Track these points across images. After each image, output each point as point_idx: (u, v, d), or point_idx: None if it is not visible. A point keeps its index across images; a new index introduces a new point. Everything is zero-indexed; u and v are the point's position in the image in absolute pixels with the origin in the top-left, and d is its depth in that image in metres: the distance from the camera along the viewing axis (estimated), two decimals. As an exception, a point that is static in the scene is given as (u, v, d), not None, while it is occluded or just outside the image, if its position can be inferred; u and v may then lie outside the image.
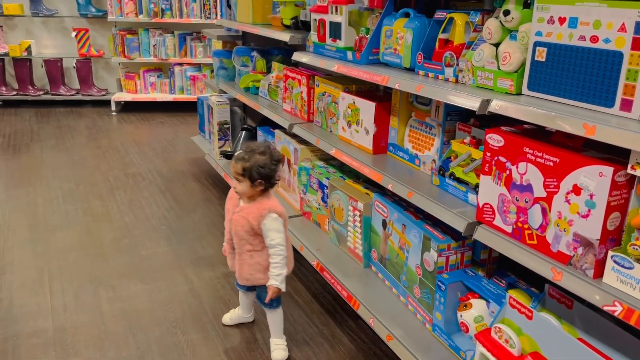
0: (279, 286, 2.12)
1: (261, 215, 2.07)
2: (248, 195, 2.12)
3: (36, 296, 2.59)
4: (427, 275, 2.01)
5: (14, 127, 5.58)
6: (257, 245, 2.13)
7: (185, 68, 6.50)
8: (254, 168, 2.04)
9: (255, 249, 2.13)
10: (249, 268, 2.16)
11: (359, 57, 2.37)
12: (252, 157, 2.06)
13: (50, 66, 6.34)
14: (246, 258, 2.15)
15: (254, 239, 2.12)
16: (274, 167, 2.10)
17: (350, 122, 2.54)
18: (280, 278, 2.12)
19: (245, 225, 2.09)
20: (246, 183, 2.07)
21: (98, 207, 3.68)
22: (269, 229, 2.08)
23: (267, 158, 2.08)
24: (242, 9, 3.67)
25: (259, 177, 2.06)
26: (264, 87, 3.59)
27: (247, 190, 2.09)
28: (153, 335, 2.34)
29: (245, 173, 2.05)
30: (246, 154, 2.08)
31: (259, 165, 2.05)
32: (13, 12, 6.15)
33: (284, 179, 3.28)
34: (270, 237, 2.09)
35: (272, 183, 2.12)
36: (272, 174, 2.10)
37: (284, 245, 2.12)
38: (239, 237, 2.13)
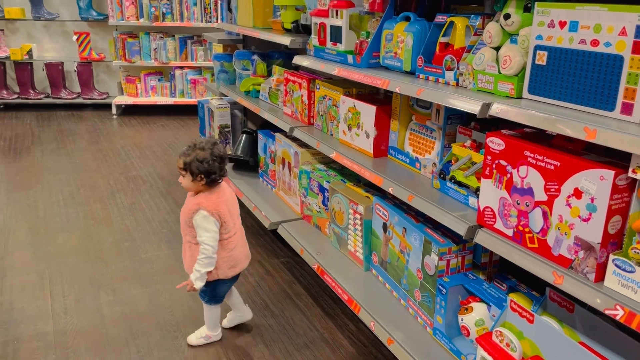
0: (194, 281, 2.14)
1: (192, 210, 2.13)
2: (192, 190, 2.19)
3: (37, 299, 2.59)
4: (428, 278, 2.01)
5: (15, 131, 5.58)
6: (193, 239, 2.17)
7: (186, 71, 6.51)
8: (194, 163, 2.09)
9: (192, 242, 2.18)
10: (187, 259, 2.23)
11: (360, 61, 2.37)
12: (193, 152, 2.12)
13: (52, 70, 6.36)
14: (186, 249, 2.23)
15: (190, 232, 2.17)
16: (214, 163, 2.12)
17: (351, 126, 2.54)
18: (199, 274, 2.13)
19: (182, 217, 2.18)
20: (187, 177, 2.13)
21: (99, 210, 3.68)
22: (197, 225, 2.13)
23: (207, 153, 2.11)
24: (243, 13, 3.68)
25: (198, 171, 2.10)
26: (264, 90, 3.60)
27: (190, 184, 2.14)
28: (154, 338, 2.34)
29: (186, 167, 2.11)
30: (188, 149, 2.14)
31: (198, 160, 2.09)
32: (14, 15, 6.17)
33: (285, 182, 3.28)
34: (199, 234, 2.13)
35: (212, 179, 2.14)
36: (212, 169, 2.12)
37: (211, 245, 2.13)
38: (182, 228, 2.22)
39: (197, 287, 2.14)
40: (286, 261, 3.06)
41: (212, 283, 2.22)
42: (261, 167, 3.68)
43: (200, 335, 2.33)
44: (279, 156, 3.33)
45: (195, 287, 2.14)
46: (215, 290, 2.25)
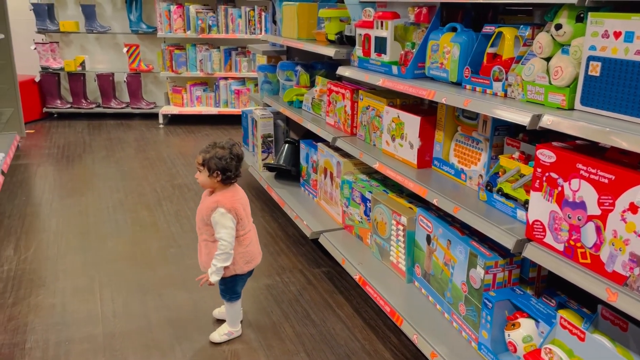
0: (211, 275, 2.22)
1: (211, 208, 2.20)
2: (208, 186, 2.27)
3: (87, 303, 2.69)
4: (473, 292, 1.97)
5: (68, 139, 5.83)
6: (210, 237, 2.25)
7: (230, 82, 6.64)
8: (213, 159, 2.18)
9: (209, 239, 2.25)
10: (204, 257, 2.29)
11: (405, 72, 2.37)
12: (213, 149, 2.21)
13: (103, 80, 6.61)
14: (202, 247, 2.29)
15: (207, 229, 2.24)
16: (231, 162, 2.21)
17: (395, 136, 2.54)
18: (215, 269, 2.22)
19: (200, 215, 2.24)
20: (204, 173, 2.21)
21: (146, 217, 3.79)
22: (216, 223, 2.20)
23: (226, 152, 2.21)
24: (288, 25, 3.74)
25: (216, 168, 2.18)
26: (307, 100, 3.64)
27: (206, 180, 2.23)
28: (198, 344, 2.39)
29: (204, 163, 2.20)
30: (209, 147, 2.24)
31: (217, 157, 2.18)
32: (69, 29, 6.46)
33: (326, 192, 3.30)
34: (217, 231, 2.20)
35: (228, 176, 2.21)
36: (229, 167, 2.20)
37: (229, 242, 2.20)
38: (198, 227, 2.29)
39: (212, 280, 2.23)
40: (327, 271, 3.07)
41: (230, 280, 2.31)
42: (303, 177, 3.71)
43: (223, 332, 2.41)
44: (321, 166, 3.35)
45: (211, 281, 2.23)
46: (234, 286, 2.35)
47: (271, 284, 2.91)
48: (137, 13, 6.51)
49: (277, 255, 3.27)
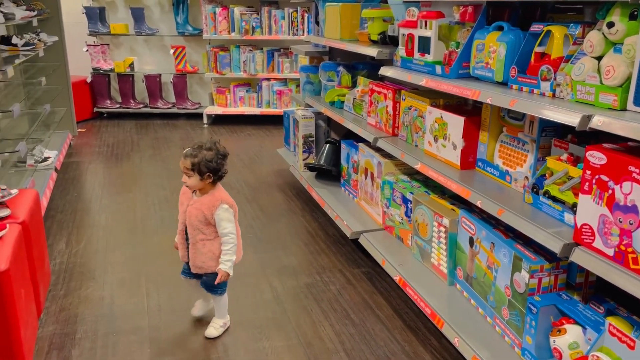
0: (228, 271, 2.30)
1: (214, 206, 2.25)
2: (199, 189, 2.30)
3: (134, 296, 2.78)
4: (517, 296, 1.93)
5: (117, 138, 6.03)
6: (210, 235, 2.30)
7: (272, 83, 6.72)
8: (202, 163, 2.21)
9: (208, 238, 2.30)
10: (202, 256, 2.32)
11: (449, 71, 2.34)
12: (200, 153, 2.23)
13: (150, 81, 6.81)
14: (199, 247, 2.32)
15: (207, 228, 2.29)
16: (221, 161, 2.27)
17: (437, 137, 2.51)
18: (230, 264, 2.31)
19: (199, 215, 2.27)
20: (195, 177, 2.24)
21: (190, 214, 3.88)
22: (221, 219, 2.26)
23: (214, 153, 2.25)
24: (330, 26, 3.75)
25: (207, 170, 2.23)
26: (349, 101, 3.64)
27: (197, 183, 2.26)
28: (240, 339, 2.43)
29: (194, 168, 2.22)
30: (194, 150, 2.25)
31: (206, 160, 2.22)
32: (119, 31, 6.69)
33: (367, 192, 3.29)
34: (223, 226, 2.27)
35: (219, 176, 2.29)
36: (219, 167, 2.26)
37: (235, 234, 2.30)
38: (193, 227, 2.30)
39: (231, 274, 2.31)
40: (367, 271, 3.06)
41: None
42: (343, 177, 3.71)
43: (218, 325, 2.45)
44: (361, 166, 3.35)
45: (229, 275, 2.31)
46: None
47: (311, 283, 2.93)
48: (183, 15, 6.68)
49: (317, 254, 3.29)
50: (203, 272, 2.37)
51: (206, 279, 2.39)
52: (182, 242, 2.40)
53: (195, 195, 2.33)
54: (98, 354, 2.33)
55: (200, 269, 2.36)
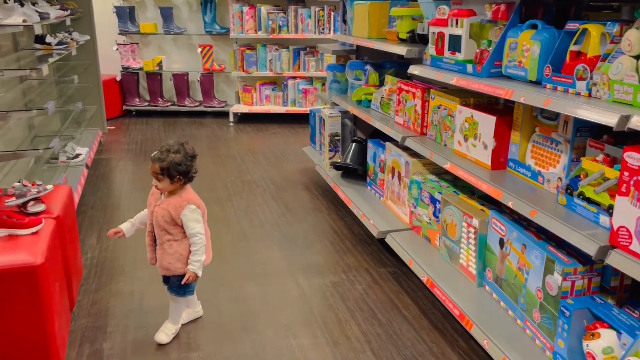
0: (197, 271, 2.29)
1: (181, 206, 2.24)
2: (169, 191, 2.28)
3: (163, 291, 2.80)
4: (549, 299, 1.90)
5: (145, 135, 6.13)
6: (177, 235, 2.28)
7: (298, 81, 6.74)
8: (172, 166, 2.20)
9: (175, 238, 2.29)
10: (168, 257, 2.30)
11: (480, 70, 2.32)
12: (168, 156, 2.21)
13: (178, 80, 6.90)
14: (166, 248, 2.30)
15: (174, 228, 2.27)
16: (190, 163, 2.26)
17: (467, 136, 2.48)
18: (199, 264, 2.30)
19: (166, 216, 2.25)
20: (166, 181, 2.23)
21: (218, 211, 3.92)
22: (189, 219, 2.25)
23: (182, 155, 2.23)
24: (358, 24, 3.74)
25: (177, 173, 2.22)
26: (376, 99, 3.63)
27: (168, 186, 2.25)
28: (266, 336, 2.45)
29: (163, 172, 2.21)
30: (162, 154, 2.22)
31: (175, 163, 2.20)
32: (148, 30, 6.79)
33: (394, 192, 3.28)
34: (191, 227, 2.26)
35: (190, 177, 2.29)
36: (189, 169, 2.26)
37: (203, 234, 2.30)
38: (160, 228, 2.28)
39: (199, 274, 2.30)
40: (393, 271, 3.05)
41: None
42: (369, 176, 3.70)
43: (170, 332, 2.42)
44: (388, 165, 3.34)
45: (199, 275, 2.30)
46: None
47: (337, 282, 2.94)
48: (211, 14, 6.74)
49: (342, 253, 3.29)
50: (170, 274, 2.34)
51: (173, 280, 2.36)
52: (150, 244, 2.38)
53: (163, 196, 2.32)
54: (129, 348, 2.38)
55: (167, 270, 2.32)
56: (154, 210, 2.30)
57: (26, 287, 2.02)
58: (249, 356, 2.31)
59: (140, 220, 2.43)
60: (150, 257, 2.41)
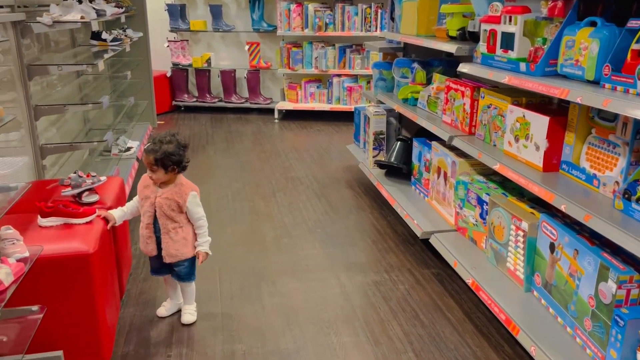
0: (207, 250, 2.44)
1: (186, 193, 2.36)
2: (163, 181, 2.36)
3: (208, 283, 2.88)
4: (601, 307, 1.83)
5: (193, 130, 6.27)
6: (182, 222, 2.39)
7: (343, 79, 6.73)
8: (165, 156, 2.28)
9: (180, 225, 2.39)
10: (175, 244, 2.39)
11: (534, 69, 2.25)
12: (161, 147, 2.28)
13: (225, 76, 7.02)
14: (172, 235, 2.38)
15: (179, 216, 2.37)
16: (182, 153, 2.34)
17: (518, 137, 2.42)
18: (208, 244, 2.45)
19: (172, 204, 2.35)
20: (160, 171, 2.31)
21: (261, 207, 3.97)
22: (194, 205, 2.38)
23: (174, 146, 2.31)
24: (407, 21, 3.70)
25: (171, 163, 2.30)
26: (423, 98, 3.58)
27: (162, 177, 2.33)
28: (308, 332, 2.46)
29: (157, 163, 2.29)
30: (155, 145, 2.30)
31: (168, 153, 2.28)
32: (198, 27, 6.93)
33: (439, 192, 3.23)
34: (196, 212, 2.39)
35: (183, 167, 2.37)
36: (181, 158, 2.34)
37: (205, 217, 2.43)
38: (165, 217, 2.36)
39: (210, 253, 2.45)
40: (437, 272, 3.01)
41: (192, 259, 2.46)
42: (414, 175, 3.66)
43: (193, 310, 2.56)
44: (434, 165, 3.29)
45: (208, 255, 2.44)
46: (195, 265, 2.50)
47: (379, 281, 2.92)
48: (259, 12, 6.82)
49: (385, 252, 3.26)
50: (177, 260, 2.42)
51: (180, 267, 2.45)
52: (150, 236, 2.42)
53: (159, 187, 2.38)
54: (175, 336, 2.44)
55: (175, 257, 2.40)
56: (154, 202, 2.37)
57: (79, 274, 2.10)
58: (291, 351, 2.33)
59: (131, 211, 2.49)
60: (151, 249, 2.45)
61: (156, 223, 2.39)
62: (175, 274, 2.49)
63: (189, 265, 2.47)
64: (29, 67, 2.98)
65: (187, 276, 2.49)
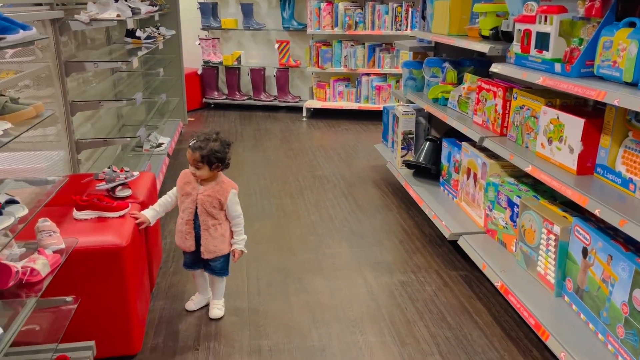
0: (244, 249, 2.50)
1: (227, 191, 2.42)
2: (206, 177, 2.41)
3: (236, 279, 2.91)
4: (635, 314, 1.79)
5: (222, 127, 6.34)
6: (221, 219, 2.44)
7: (372, 78, 6.71)
8: (212, 154, 2.33)
9: (219, 222, 2.43)
10: (214, 241, 2.43)
11: (569, 70, 2.20)
12: (208, 145, 2.34)
13: (255, 74, 7.07)
14: (212, 232, 2.43)
15: (219, 213, 2.42)
16: (227, 151, 2.41)
17: (552, 139, 2.37)
18: (244, 242, 2.51)
19: (214, 202, 2.40)
20: (205, 168, 2.37)
21: (288, 204, 3.99)
22: (233, 203, 2.44)
23: (220, 144, 2.37)
24: (439, 20, 3.67)
25: (216, 161, 2.35)
26: (453, 98, 3.55)
27: (206, 174, 2.39)
28: (334, 330, 2.47)
29: (203, 160, 2.34)
30: (202, 142, 2.35)
31: (215, 151, 2.34)
32: (229, 26, 7.01)
33: (468, 193, 3.19)
34: (234, 209, 2.45)
35: (226, 164, 2.43)
36: (225, 156, 2.40)
37: (242, 215, 2.49)
38: (206, 214, 2.41)
39: (245, 251, 2.51)
40: (465, 274, 2.98)
41: (228, 255, 2.50)
42: (443, 176, 3.63)
43: (221, 305, 2.60)
44: (464, 166, 3.25)
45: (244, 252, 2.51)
46: (229, 261, 2.53)
47: (406, 281, 2.91)
48: (289, 11, 6.85)
49: (412, 253, 3.25)
50: (214, 256, 2.45)
51: (216, 263, 2.49)
52: (190, 232, 2.45)
53: (200, 184, 2.42)
54: (202, 330, 2.48)
55: (213, 253, 2.44)
56: (196, 199, 2.41)
57: (112, 267, 2.15)
58: (317, 349, 2.34)
59: (164, 209, 2.53)
60: (189, 245, 2.47)
61: (196, 219, 2.42)
62: (210, 268, 2.53)
63: (224, 261, 2.51)
64: (67, 64, 3.06)
65: (222, 271, 2.54)
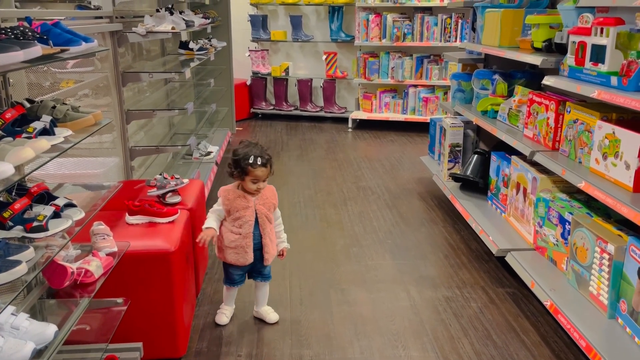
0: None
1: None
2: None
3: (279, 287, 2.94)
4: (697, 342, 1.69)
5: (269, 137, 6.44)
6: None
7: (419, 90, 6.66)
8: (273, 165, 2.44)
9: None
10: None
11: (626, 83, 2.12)
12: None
13: (302, 85, 7.16)
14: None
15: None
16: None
17: (607, 154, 2.29)
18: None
19: (271, 206, 2.49)
20: (266, 181, 2.44)
21: (332, 214, 4.00)
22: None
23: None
24: (489, 32, 3.61)
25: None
26: (503, 111, 3.48)
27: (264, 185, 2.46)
28: (375, 343, 2.45)
29: (272, 171, 2.44)
30: (267, 155, 2.40)
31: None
32: (278, 37, 7.13)
33: (517, 208, 3.11)
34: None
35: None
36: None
37: None
38: (266, 221, 2.46)
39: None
40: (512, 292, 2.90)
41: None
42: (491, 190, 3.55)
43: (273, 311, 2.64)
44: (513, 180, 3.18)
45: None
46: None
47: (450, 297, 2.85)
48: (337, 22, 6.91)
49: (457, 268, 3.19)
50: (271, 259, 2.52)
51: (267, 267, 2.56)
52: (250, 245, 2.44)
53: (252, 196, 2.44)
54: (245, 337, 2.51)
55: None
56: (256, 210, 2.44)
57: (161, 271, 2.22)
58: (357, 361, 2.33)
59: (219, 219, 2.51)
60: (250, 257, 2.47)
61: (255, 230, 2.45)
62: (262, 274, 2.58)
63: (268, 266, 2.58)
64: (124, 74, 3.20)
65: (269, 274, 2.61)
